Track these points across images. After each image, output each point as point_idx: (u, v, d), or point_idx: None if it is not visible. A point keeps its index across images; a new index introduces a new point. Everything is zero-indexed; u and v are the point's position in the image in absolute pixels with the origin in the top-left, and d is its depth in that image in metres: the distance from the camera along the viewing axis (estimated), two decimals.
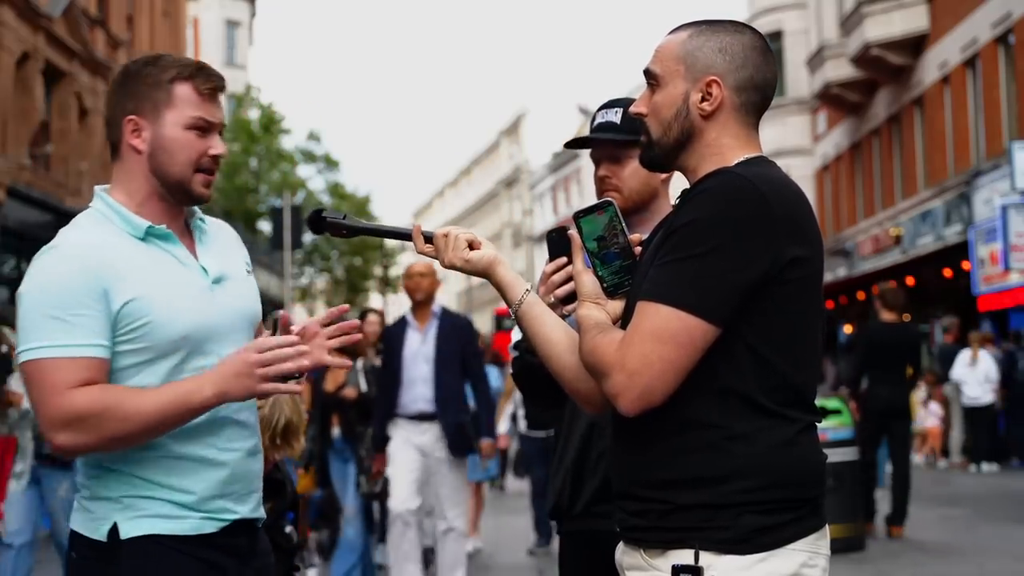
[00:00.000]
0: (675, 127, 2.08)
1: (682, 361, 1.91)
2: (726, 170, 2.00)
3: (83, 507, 2.35)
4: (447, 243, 2.21)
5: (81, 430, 2.21)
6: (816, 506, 2.01)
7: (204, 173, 2.39)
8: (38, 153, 21.13)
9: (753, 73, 2.07)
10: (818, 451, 2.04)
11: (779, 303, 1.95)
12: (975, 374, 14.55)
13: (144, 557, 2.27)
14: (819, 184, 30.07)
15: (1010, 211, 16.20)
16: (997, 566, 7.99)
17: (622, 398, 1.93)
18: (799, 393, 2.00)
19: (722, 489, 1.93)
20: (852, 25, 23.31)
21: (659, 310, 1.91)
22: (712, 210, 1.93)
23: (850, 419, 8.80)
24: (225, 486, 2.36)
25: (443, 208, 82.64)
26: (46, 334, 2.22)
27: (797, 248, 1.95)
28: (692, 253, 1.91)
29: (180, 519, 2.30)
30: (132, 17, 27.18)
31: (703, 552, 1.93)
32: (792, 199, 1.98)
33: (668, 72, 2.08)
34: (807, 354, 2.01)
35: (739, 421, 1.94)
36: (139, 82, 2.38)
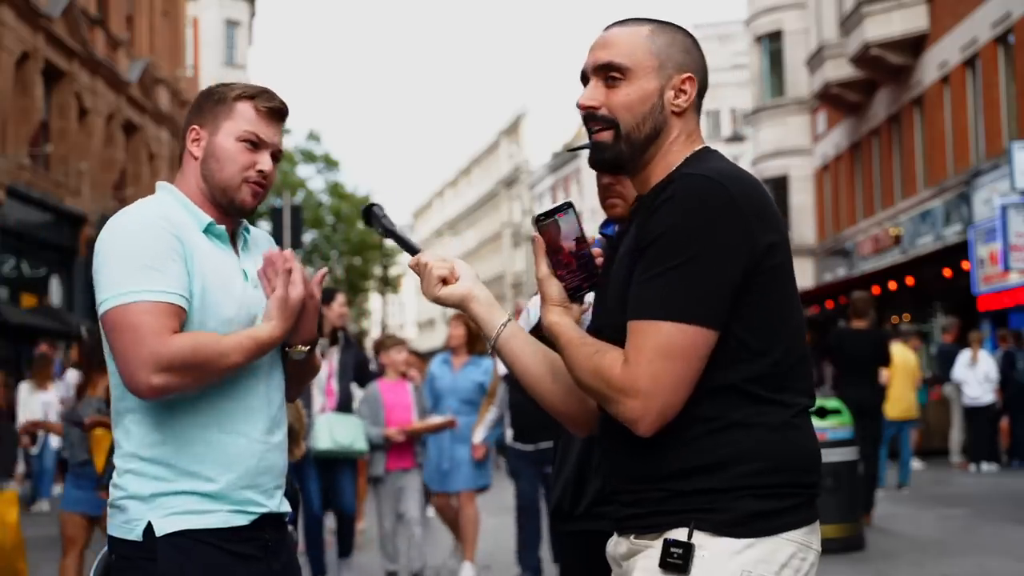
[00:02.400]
0: (649, 122, 2.08)
1: (692, 374, 1.93)
2: (687, 173, 2.00)
3: (118, 509, 2.43)
4: (424, 275, 2.21)
5: (179, 373, 2.30)
6: (812, 496, 2.02)
7: (251, 185, 2.52)
8: (38, 153, 21.12)
9: (706, 78, 2.15)
10: (813, 437, 2.05)
11: (762, 292, 1.96)
12: (975, 374, 14.57)
13: (179, 551, 2.35)
14: (819, 184, 30.07)
15: (1010, 211, 16.20)
16: (997, 566, 7.99)
17: (641, 423, 1.93)
18: (791, 377, 2.01)
19: (721, 475, 1.94)
20: (852, 25, 23.31)
21: (660, 327, 1.91)
22: (683, 216, 1.93)
23: (850, 419, 8.82)
24: (253, 477, 2.45)
25: (443, 208, 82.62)
26: (141, 281, 2.32)
27: (770, 235, 1.97)
28: (676, 263, 1.92)
29: (210, 513, 2.39)
30: (132, 17, 27.18)
31: (697, 532, 1.94)
32: (753, 189, 2.00)
33: (640, 66, 2.08)
34: (794, 337, 2.03)
35: (734, 411, 1.96)
36: (209, 99, 2.56)
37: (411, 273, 24.53)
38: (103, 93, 24.18)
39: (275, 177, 2.61)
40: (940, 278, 20.07)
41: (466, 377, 8.19)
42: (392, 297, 54.82)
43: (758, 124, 31.64)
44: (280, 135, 2.58)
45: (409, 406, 7.48)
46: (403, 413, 7.43)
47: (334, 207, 44.47)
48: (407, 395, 7.52)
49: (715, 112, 47.05)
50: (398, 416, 7.40)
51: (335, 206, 44.43)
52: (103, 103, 24.19)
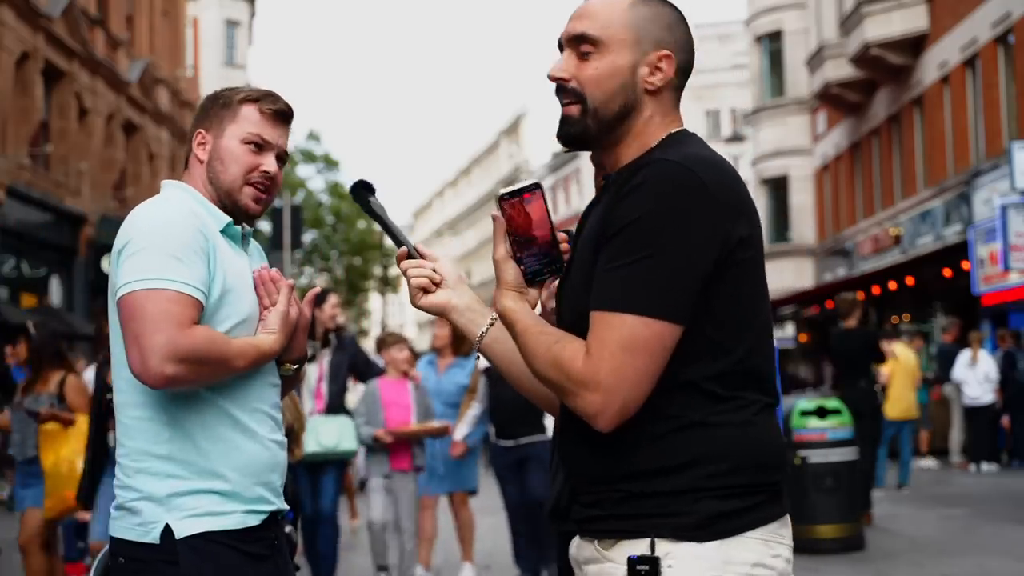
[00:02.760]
0: (618, 99, 1.98)
1: (655, 369, 1.86)
2: (660, 159, 1.91)
3: (129, 511, 2.40)
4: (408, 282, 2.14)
5: (193, 366, 2.31)
6: (776, 493, 1.94)
7: (254, 188, 2.54)
8: (38, 153, 21.12)
9: (690, 58, 2.03)
10: (776, 434, 1.98)
11: (731, 286, 1.89)
12: (975, 374, 14.57)
13: (199, 553, 2.36)
14: (819, 184, 30.06)
15: (1010, 211, 16.19)
16: (997, 566, 7.99)
17: (601, 418, 1.86)
18: (754, 375, 1.94)
19: (680, 476, 1.87)
20: (852, 25, 23.31)
21: (624, 320, 1.83)
22: (654, 204, 1.85)
23: (850, 419, 8.82)
24: (265, 474, 2.47)
25: (443, 208, 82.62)
26: (168, 270, 2.33)
27: (742, 227, 1.89)
28: (643, 254, 1.84)
29: (227, 515, 2.40)
30: (132, 17, 27.18)
31: (660, 540, 1.87)
32: (729, 179, 1.92)
33: (613, 39, 1.98)
34: (760, 334, 1.96)
35: (694, 409, 1.89)
36: (214, 103, 2.58)
37: None
38: (103, 93, 24.18)
39: (281, 182, 2.61)
40: (940, 278, 20.06)
41: (450, 379, 7.99)
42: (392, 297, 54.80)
43: (758, 124, 31.63)
44: (285, 138, 2.59)
45: (408, 406, 7.16)
46: (401, 413, 7.13)
47: (334, 207, 44.45)
48: (407, 395, 7.21)
49: (715, 112, 47.03)
50: (396, 416, 7.11)
51: (335, 206, 44.41)
52: (103, 103, 24.18)
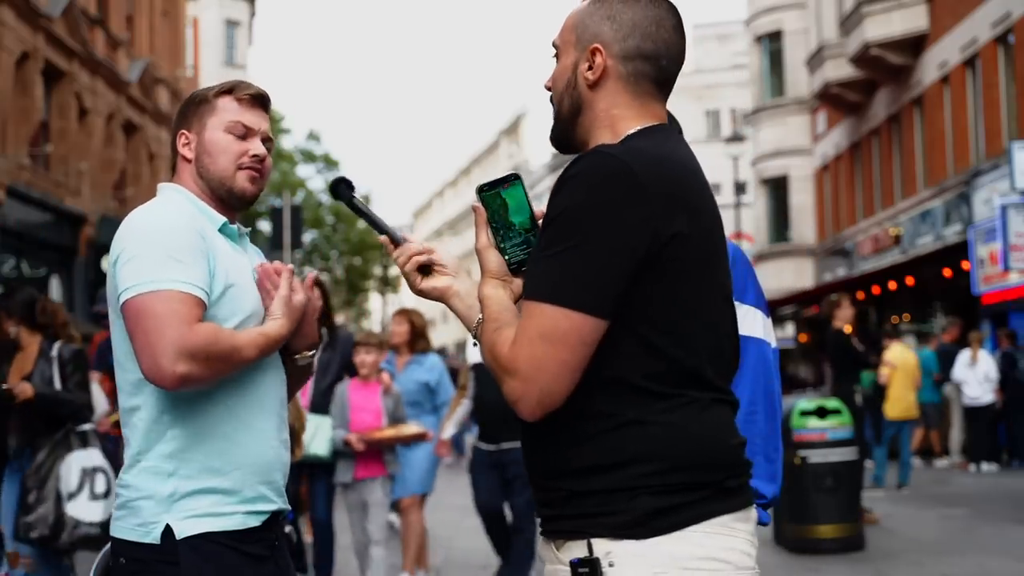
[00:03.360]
0: (566, 99, 2.03)
1: (574, 361, 1.84)
2: (595, 150, 1.90)
3: (130, 511, 2.40)
4: (401, 263, 2.15)
5: (205, 364, 2.31)
6: (722, 489, 1.91)
7: (248, 171, 2.56)
8: (38, 153, 21.11)
9: (640, 43, 1.99)
10: (722, 431, 1.94)
11: (665, 284, 1.87)
12: (975, 374, 14.58)
13: (199, 554, 2.36)
14: (819, 184, 30.06)
15: (1009, 211, 16.19)
16: (997, 566, 7.99)
17: (521, 404, 1.87)
18: (696, 374, 1.91)
19: (616, 475, 1.86)
20: (852, 25, 23.31)
21: (545, 310, 1.83)
22: (584, 195, 1.84)
23: (850, 419, 8.82)
24: (268, 472, 2.47)
25: (443, 208, 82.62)
26: (168, 271, 2.34)
27: (678, 223, 1.86)
28: (569, 245, 1.83)
29: (228, 515, 2.40)
30: (132, 17, 27.17)
31: (598, 540, 1.86)
32: (671, 173, 1.89)
33: (564, 43, 2.04)
34: (701, 334, 1.92)
35: (631, 408, 1.87)
36: (190, 104, 2.61)
37: None
38: (103, 93, 24.18)
39: (271, 163, 2.63)
40: (940, 278, 20.06)
41: (409, 377, 7.65)
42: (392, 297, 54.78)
43: (758, 124, 31.63)
44: (266, 121, 2.61)
45: (378, 411, 6.75)
46: (368, 417, 6.71)
47: (334, 207, 44.44)
48: (376, 399, 6.79)
49: (715, 112, 47.04)
50: (362, 420, 6.68)
51: (335, 206, 44.40)
52: (103, 103, 24.18)
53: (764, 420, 2.78)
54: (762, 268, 29.38)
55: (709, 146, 41.87)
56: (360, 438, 6.57)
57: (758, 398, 2.78)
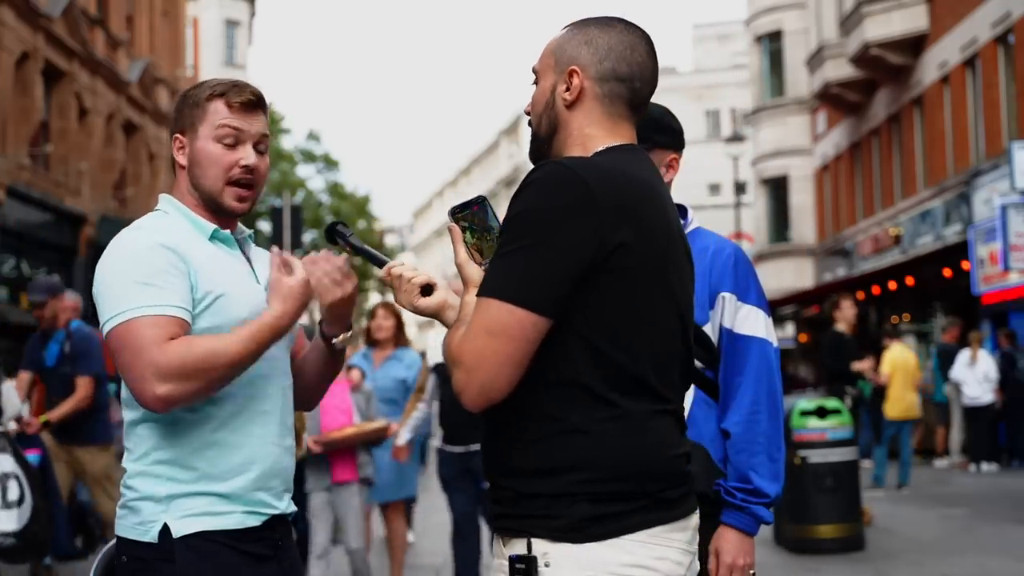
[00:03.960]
0: (545, 119, 2.14)
1: (516, 355, 1.93)
2: (551, 161, 2.02)
3: (130, 510, 2.43)
4: (400, 285, 2.29)
5: (184, 379, 2.29)
6: (661, 500, 1.98)
7: (236, 187, 2.51)
8: (38, 153, 21.12)
9: (615, 65, 2.10)
10: (664, 443, 2.01)
11: (611, 292, 1.95)
12: (975, 374, 14.58)
13: (196, 553, 2.37)
14: (819, 184, 30.07)
15: (1009, 211, 16.20)
16: (997, 566, 7.99)
17: (464, 394, 1.97)
18: (641, 382, 1.98)
19: (558, 480, 1.94)
20: (852, 25, 23.31)
21: (490, 305, 1.93)
22: (535, 201, 1.94)
23: (849, 419, 8.82)
24: (265, 480, 2.47)
25: (443, 208, 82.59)
26: (138, 298, 2.33)
27: (624, 234, 1.94)
28: (518, 246, 1.93)
29: (225, 515, 2.41)
30: (132, 17, 27.17)
31: (538, 540, 1.95)
32: (622, 186, 1.98)
33: (542, 67, 2.16)
34: (649, 342, 2.00)
35: (576, 413, 1.95)
36: (184, 103, 2.56)
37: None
38: (103, 93, 24.18)
39: (267, 168, 2.58)
40: (940, 278, 20.07)
41: (386, 374, 7.30)
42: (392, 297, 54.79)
43: (758, 124, 31.64)
44: (261, 123, 2.56)
45: (348, 409, 6.41)
46: (340, 417, 6.37)
47: (334, 207, 44.46)
48: (346, 396, 6.46)
49: (715, 112, 47.02)
50: (332, 420, 6.33)
51: (335, 206, 44.43)
52: (103, 103, 24.19)
53: (767, 420, 2.78)
54: (762, 268, 29.40)
55: (709, 146, 41.86)
56: (317, 440, 6.22)
57: (761, 398, 2.78)
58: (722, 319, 2.83)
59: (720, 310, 2.83)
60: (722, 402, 2.82)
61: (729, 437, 2.78)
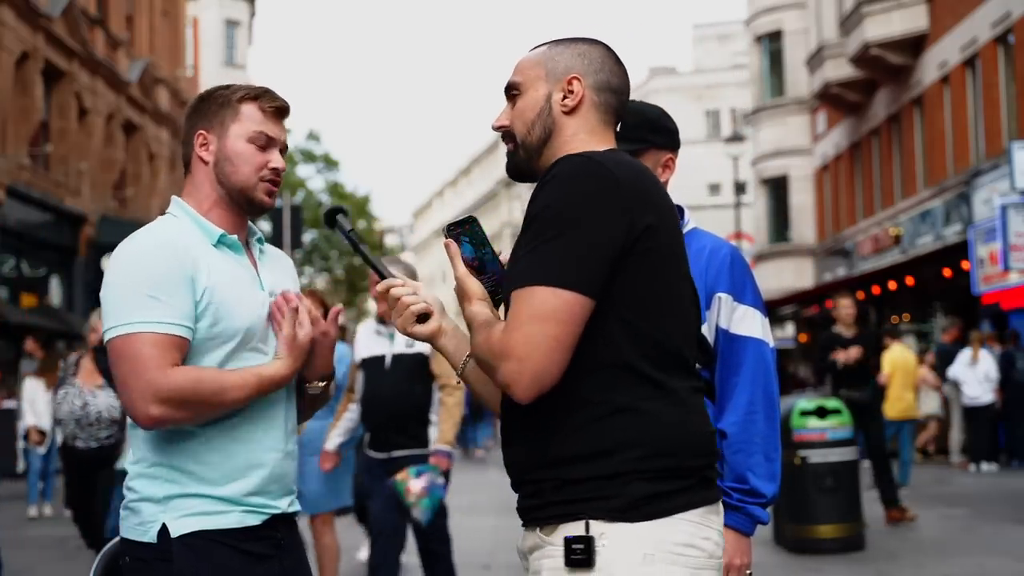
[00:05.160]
0: (538, 125, 2.17)
1: (567, 338, 1.95)
2: (569, 155, 2.07)
3: (131, 511, 2.47)
4: (397, 309, 2.28)
5: (178, 407, 2.35)
6: (704, 479, 2.04)
7: (267, 183, 2.58)
8: (38, 153, 21.12)
9: (609, 77, 2.19)
10: (703, 420, 2.08)
11: (642, 273, 2.00)
12: (975, 374, 14.58)
13: (194, 552, 2.39)
14: (819, 184, 30.06)
15: (1009, 211, 16.20)
16: (997, 566, 7.98)
17: (516, 385, 1.96)
18: (678, 358, 2.05)
19: (610, 460, 1.96)
20: (852, 25, 23.31)
21: (535, 292, 1.95)
22: (563, 192, 1.99)
23: (849, 419, 8.81)
24: (264, 485, 2.49)
25: (443, 208, 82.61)
26: (141, 312, 2.36)
27: (649, 216, 2.01)
28: (553, 235, 1.96)
29: (224, 514, 2.43)
30: (132, 17, 27.18)
31: (593, 521, 1.96)
32: (637, 173, 2.05)
33: (529, 79, 2.20)
34: (678, 320, 2.07)
35: (621, 394, 1.99)
36: (211, 103, 2.60)
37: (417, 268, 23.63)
38: (103, 93, 24.18)
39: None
40: (940, 278, 20.07)
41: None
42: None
43: (758, 124, 31.64)
44: (285, 132, 2.65)
45: None
46: None
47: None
48: None
49: (715, 112, 47.01)
50: None
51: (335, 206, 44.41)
52: (103, 103, 24.19)
53: (763, 420, 2.78)
54: (762, 268, 29.40)
55: (709, 146, 41.86)
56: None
57: (757, 398, 2.78)
58: (718, 319, 2.82)
59: (716, 310, 2.83)
60: (718, 402, 2.81)
61: (726, 437, 2.78)
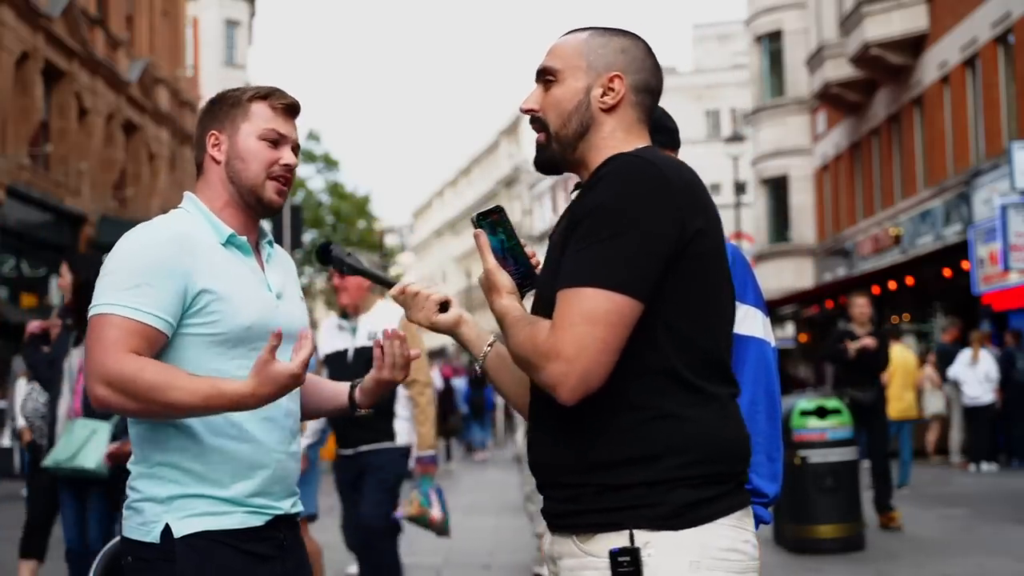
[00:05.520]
0: (575, 119, 2.13)
1: (616, 341, 1.92)
2: (622, 154, 2.05)
3: (134, 511, 2.47)
4: (416, 303, 2.28)
5: (122, 392, 2.33)
6: (740, 483, 2.05)
7: (276, 182, 2.58)
8: (38, 153, 21.12)
9: (648, 77, 2.17)
10: (741, 425, 2.08)
11: (691, 278, 1.98)
12: (975, 374, 14.58)
13: (197, 552, 2.39)
14: (819, 184, 30.06)
15: (1009, 211, 16.20)
16: (997, 566, 7.99)
17: (562, 387, 1.93)
18: (721, 366, 2.05)
19: (654, 467, 1.94)
20: (851, 25, 23.31)
21: (586, 293, 1.92)
22: (616, 191, 1.96)
23: (849, 419, 8.81)
24: (267, 486, 2.49)
25: (443, 208, 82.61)
26: (119, 294, 2.38)
27: (699, 220, 1.99)
28: (606, 235, 1.94)
29: (227, 515, 2.43)
30: (132, 17, 27.18)
31: (637, 531, 1.94)
32: (687, 175, 2.04)
33: (569, 67, 2.15)
34: (722, 327, 2.07)
35: (665, 400, 1.97)
36: (222, 104, 2.61)
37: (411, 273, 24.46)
38: (103, 93, 24.18)
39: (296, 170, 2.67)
40: (940, 278, 20.07)
41: None
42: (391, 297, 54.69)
43: (758, 124, 31.64)
44: (296, 130, 2.64)
45: None
46: None
47: (334, 207, 44.44)
48: None
49: (715, 112, 47.02)
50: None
51: (335, 206, 44.41)
52: (103, 103, 24.18)
53: (765, 420, 2.78)
54: (762, 268, 29.39)
55: (709, 146, 41.87)
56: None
57: (759, 398, 2.78)
58: None
59: None
60: None
61: None
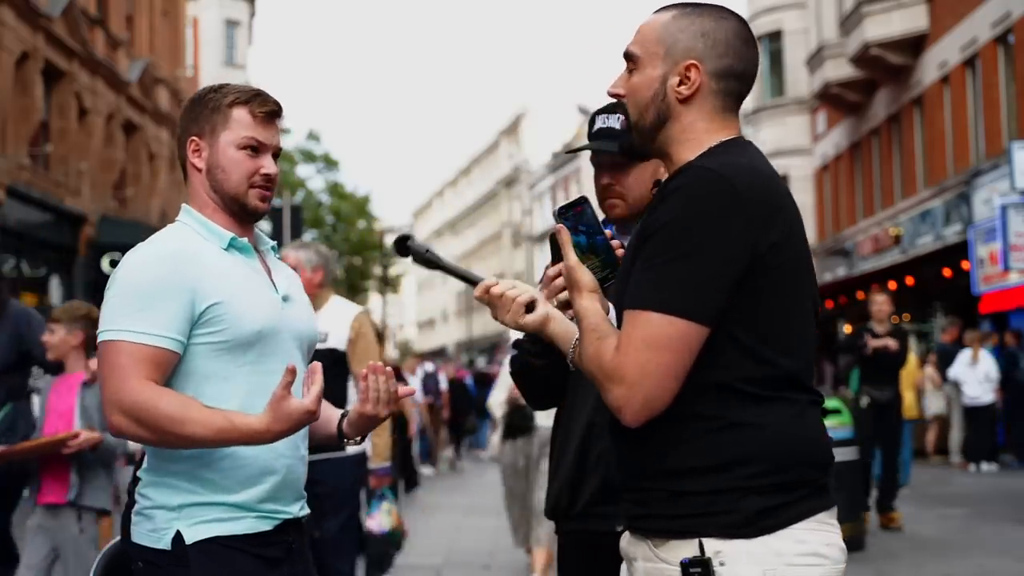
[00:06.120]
0: (652, 110, 2.06)
1: (679, 367, 1.90)
2: (694, 165, 1.98)
3: (144, 517, 2.47)
4: (503, 303, 2.19)
5: (137, 422, 2.35)
6: (820, 487, 1.99)
7: (259, 189, 2.57)
8: (38, 153, 21.11)
9: (734, 62, 2.05)
10: (820, 432, 2.02)
11: (763, 292, 1.93)
12: (975, 374, 14.57)
13: (210, 557, 2.40)
14: (819, 184, 30.07)
15: (1009, 211, 16.20)
16: (997, 566, 7.99)
17: (625, 411, 1.92)
18: (791, 378, 1.98)
19: (724, 475, 1.92)
20: (851, 25, 23.31)
21: (650, 318, 1.89)
22: (686, 208, 1.91)
23: (850, 419, 8.81)
24: (277, 491, 2.50)
25: (443, 208, 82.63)
26: (129, 320, 2.38)
27: (774, 234, 1.93)
28: (674, 255, 1.89)
29: (237, 520, 2.44)
30: (132, 17, 27.17)
31: (708, 539, 1.92)
32: (763, 184, 1.96)
33: (647, 54, 2.06)
34: (797, 339, 2.00)
35: (734, 410, 1.94)
36: (203, 107, 2.57)
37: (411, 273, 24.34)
38: (103, 93, 24.18)
39: (279, 176, 2.65)
40: (940, 278, 20.06)
41: None
42: (392, 297, 54.77)
43: (758, 124, 31.63)
44: (278, 134, 2.62)
45: (69, 411, 4.85)
46: (59, 422, 4.86)
47: (334, 207, 44.48)
48: (72, 395, 4.87)
49: None
50: (53, 426, 4.86)
51: (335, 206, 44.45)
52: (103, 103, 24.18)
53: None
54: None
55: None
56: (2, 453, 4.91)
57: None
58: None
59: None
60: None
61: None
